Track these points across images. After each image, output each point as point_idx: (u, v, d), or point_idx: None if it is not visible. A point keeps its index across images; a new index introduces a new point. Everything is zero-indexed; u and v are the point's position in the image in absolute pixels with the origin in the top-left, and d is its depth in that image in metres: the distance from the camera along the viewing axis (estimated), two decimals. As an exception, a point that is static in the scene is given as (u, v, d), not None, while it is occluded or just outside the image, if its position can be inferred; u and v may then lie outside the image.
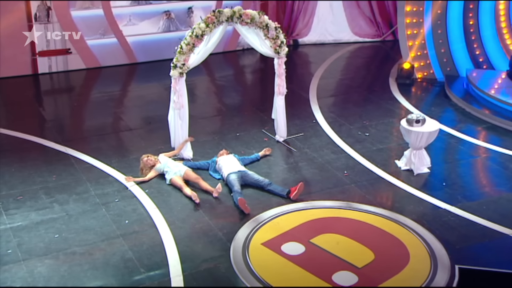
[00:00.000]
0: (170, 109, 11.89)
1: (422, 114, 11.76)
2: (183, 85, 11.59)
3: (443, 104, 15.41)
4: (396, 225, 9.94)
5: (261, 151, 12.39)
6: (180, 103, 11.64)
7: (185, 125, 11.92)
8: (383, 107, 15.02)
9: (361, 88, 16.49)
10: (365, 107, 14.99)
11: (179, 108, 11.68)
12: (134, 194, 10.91)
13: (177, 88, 11.56)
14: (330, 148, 12.79)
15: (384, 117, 14.42)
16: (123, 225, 10.01)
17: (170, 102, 11.89)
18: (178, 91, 11.58)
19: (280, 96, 12.60)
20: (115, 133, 13.63)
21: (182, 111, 11.77)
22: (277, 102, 12.69)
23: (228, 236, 9.74)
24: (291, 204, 10.65)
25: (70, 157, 12.26)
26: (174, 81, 11.54)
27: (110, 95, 15.79)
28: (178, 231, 9.84)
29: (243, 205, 10.24)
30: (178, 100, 11.61)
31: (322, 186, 11.29)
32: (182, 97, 11.65)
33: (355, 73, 17.81)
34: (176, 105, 11.63)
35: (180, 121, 11.82)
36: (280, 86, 12.47)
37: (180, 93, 11.61)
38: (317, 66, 18.06)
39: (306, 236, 9.64)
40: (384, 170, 11.82)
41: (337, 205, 10.60)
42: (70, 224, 10.03)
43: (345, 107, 14.99)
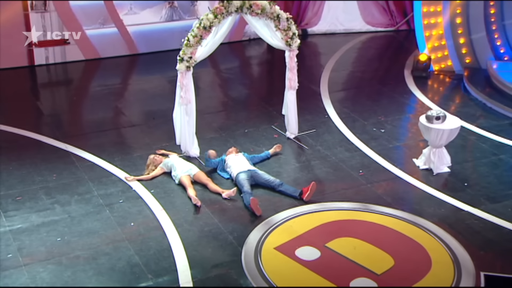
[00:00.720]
0: (176, 105, 11.84)
1: (442, 110, 11.69)
2: (190, 80, 11.56)
3: (462, 98, 15.38)
4: (416, 229, 9.90)
5: (271, 149, 12.35)
6: (187, 99, 11.61)
7: (192, 122, 11.89)
8: (399, 101, 14.98)
9: (375, 81, 16.45)
10: (379, 102, 14.95)
11: (186, 103, 11.65)
12: (139, 194, 10.90)
13: (184, 83, 11.51)
14: (343, 145, 12.76)
15: (400, 112, 14.39)
16: (129, 228, 10.00)
17: (175, 97, 11.83)
18: (185, 86, 11.55)
19: (291, 91, 12.58)
20: (117, 129, 13.62)
21: (189, 106, 11.74)
22: (288, 97, 12.65)
23: (239, 239, 9.72)
24: (304, 206, 10.62)
25: (71, 154, 12.24)
26: (180, 75, 11.49)
27: (110, 88, 15.76)
28: (186, 234, 9.82)
29: (255, 206, 10.21)
30: (185, 95, 11.58)
31: (336, 186, 11.26)
32: (189, 92, 11.62)
33: (367, 65, 17.77)
34: (183, 101, 11.60)
35: (186, 117, 11.79)
36: (292, 80, 12.44)
37: (187, 88, 11.57)
38: (328, 58, 18.01)
39: (321, 240, 9.62)
40: (401, 169, 11.81)
41: (353, 207, 10.57)
42: (72, 227, 10.01)
43: (358, 102, 14.97)
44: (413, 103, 14.88)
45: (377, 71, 17.29)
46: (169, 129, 12.66)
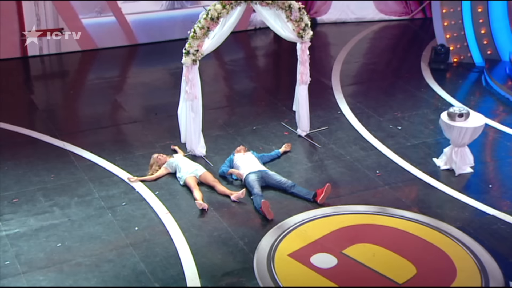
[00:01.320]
0: (181, 101, 11.81)
1: (465, 107, 11.62)
2: (196, 74, 11.51)
3: (483, 92, 15.36)
4: (439, 234, 9.87)
5: (282, 147, 12.27)
6: (193, 94, 11.57)
7: (198, 119, 11.85)
8: (416, 96, 14.93)
9: (390, 74, 16.42)
10: (395, 96, 14.90)
11: (192, 99, 11.61)
12: (142, 196, 10.86)
13: (189, 77, 11.47)
14: (358, 143, 12.72)
15: (417, 107, 14.35)
16: (133, 233, 9.96)
17: (180, 92, 11.78)
18: (190, 81, 11.50)
19: (303, 85, 12.54)
20: (117, 125, 13.59)
21: (195, 102, 11.70)
22: (300, 92, 12.61)
23: (250, 245, 9.68)
24: (319, 209, 10.60)
25: (69, 153, 12.21)
26: (186, 69, 11.45)
27: (109, 81, 15.71)
28: (194, 240, 9.79)
29: (267, 209, 10.17)
30: (190, 90, 11.53)
31: (352, 188, 11.22)
32: (195, 87, 11.57)
33: (381, 56, 17.72)
34: (189, 96, 11.55)
35: (192, 114, 11.74)
36: (303, 74, 12.40)
37: (193, 83, 11.52)
38: (339, 49, 17.95)
39: (338, 246, 9.59)
40: (421, 169, 11.78)
41: (371, 210, 10.54)
42: (73, 231, 9.98)
43: (372, 96, 14.92)
44: (431, 97, 14.83)
45: (392, 63, 17.25)
46: (172, 125, 12.65)
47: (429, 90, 15.30)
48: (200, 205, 10.30)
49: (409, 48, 18.55)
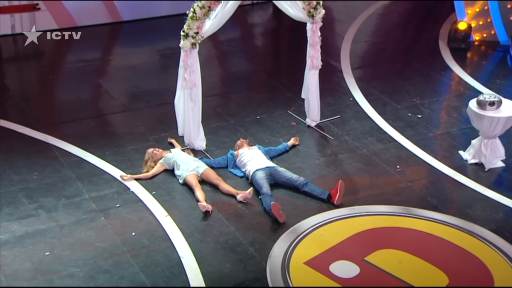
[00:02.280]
0: (178, 89, 11.75)
1: (496, 94, 11.60)
2: (195, 59, 11.46)
3: (508, 74, 15.38)
4: (471, 238, 9.90)
5: (290, 140, 12.26)
6: (192, 81, 11.52)
7: (197, 108, 11.81)
8: (436, 79, 14.94)
9: (405, 54, 16.42)
10: (412, 80, 14.91)
11: (191, 87, 11.57)
12: (138, 197, 10.81)
13: (188, 63, 11.42)
14: (375, 134, 12.74)
15: (438, 93, 14.40)
16: (129, 239, 9.92)
17: (177, 79, 11.69)
18: (189, 66, 11.44)
19: (313, 70, 12.53)
20: (105, 115, 13.52)
21: (194, 91, 11.65)
22: (310, 77, 12.60)
23: (262, 252, 9.66)
24: (335, 210, 10.57)
25: (52, 147, 12.14)
26: (184, 54, 11.40)
27: (92, 64, 15.63)
28: (198, 246, 9.76)
29: (277, 212, 10.16)
30: (189, 77, 11.49)
31: (370, 185, 11.24)
32: (194, 74, 11.53)
33: (394, 34, 17.72)
34: (187, 84, 11.51)
35: (191, 103, 11.70)
36: (314, 58, 12.39)
37: (193, 69, 11.48)
38: (346, 26, 17.90)
39: (359, 253, 9.58)
40: (446, 163, 11.77)
41: (393, 211, 10.54)
42: (62, 238, 9.91)
43: (387, 80, 14.91)
44: (452, 81, 14.88)
45: (406, 42, 17.28)
46: (166, 115, 12.63)
47: (450, 72, 15.33)
48: (203, 207, 10.26)
49: (424, 24, 18.45)
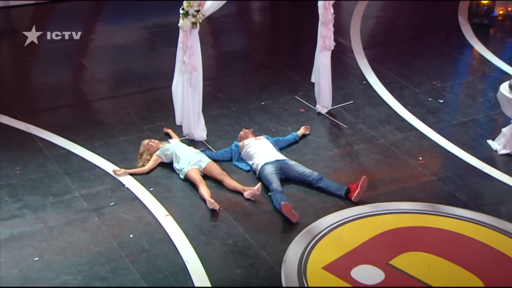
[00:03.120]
0: (176, 73, 11.68)
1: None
2: (196, 40, 11.39)
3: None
4: (507, 239, 9.88)
5: (300, 129, 12.24)
6: (192, 65, 11.46)
7: (198, 95, 11.76)
8: (456, 59, 14.98)
9: (421, 31, 16.36)
10: (431, 60, 14.89)
11: (191, 71, 11.50)
12: (135, 194, 10.74)
13: (188, 44, 11.34)
14: (393, 122, 12.72)
15: (460, 74, 14.42)
16: (127, 242, 9.83)
17: (176, 63, 11.60)
18: (189, 49, 11.36)
19: (325, 52, 12.49)
20: (92, 101, 13.46)
21: (194, 75, 11.58)
22: (321, 60, 12.57)
23: (275, 256, 9.59)
24: (354, 208, 10.52)
25: (35, 138, 12.04)
26: (183, 35, 11.33)
27: (73, 43, 15.49)
28: (204, 250, 9.69)
29: (289, 212, 10.13)
30: (189, 60, 11.42)
31: (391, 179, 11.20)
32: (194, 57, 11.46)
33: (407, 8, 17.66)
34: (187, 68, 11.45)
35: (191, 89, 11.65)
36: (326, 38, 12.34)
37: (193, 51, 11.40)
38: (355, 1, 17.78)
39: (383, 256, 9.55)
40: (473, 154, 11.76)
41: (418, 209, 10.50)
42: (52, 241, 9.80)
43: (403, 61, 14.89)
44: (475, 60, 14.86)
45: (422, 18, 17.19)
46: (161, 101, 12.67)
47: (472, 51, 15.31)
48: (211, 204, 10.23)
49: (441, -2, 18.37)
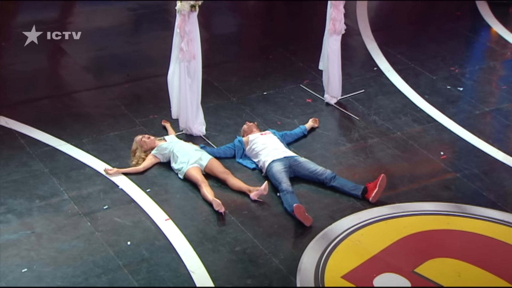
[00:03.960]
0: (173, 62, 11.63)
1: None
2: (195, 25, 11.31)
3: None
4: (543, 243, 9.84)
5: (308, 122, 12.25)
6: (190, 52, 11.39)
7: (196, 86, 11.71)
8: (474, 41, 15.04)
9: (435, 11, 16.33)
10: (446, 44, 14.93)
11: (189, 59, 11.44)
12: (130, 196, 10.68)
13: (186, 30, 11.26)
14: (409, 113, 12.72)
15: (479, 59, 14.43)
16: (125, 250, 9.76)
17: (172, 50, 11.54)
18: (187, 34, 11.29)
19: (335, 36, 12.47)
20: (76, 92, 13.36)
21: (193, 64, 11.53)
22: (330, 45, 12.55)
23: (288, 264, 9.55)
24: (372, 209, 10.51)
25: (16, 134, 11.96)
26: (181, 19, 11.25)
27: (50, 26, 15.29)
28: (210, 258, 9.64)
29: (302, 215, 10.11)
30: (188, 48, 11.34)
31: (411, 177, 11.19)
32: (193, 43, 11.39)
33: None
34: (185, 56, 11.38)
35: (189, 79, 11.59)
36: (336, 21, 12.32)
37: (191, 37, 11.32)
38: (360, -25, 17.77)
39: (408, 264, 9.52)
40: (500, 148, 11.78)
41: (443, 210, 10.50)
42: (41, 250, 9.70)
43: (417, 44, 14.90)
44: (495, 43, 14.87)
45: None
46: (153, 92, 12.69)
47: (490, 32, 15.32)
48: (218, 205, 10.23)
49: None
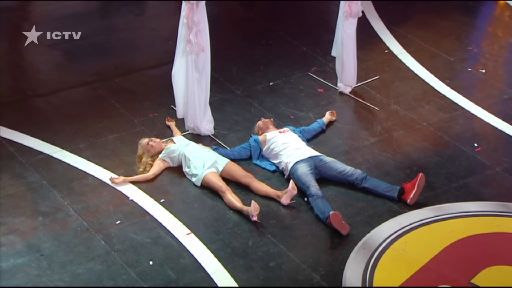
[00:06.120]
0: (178, 55, 11.39)
1: None
2: (203, 15, 11.04)
3: None
4: None
5: (325, 115, 12.04)
6: (199, 45, 11.11)
7: (205, 80, 11.44)
8: (490, 17, 14.87)
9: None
10: (458, 20, 14.87)
11: (198, 52, 11.17)
12: (143, 208, 10.29)
13: (195, 20, 10.98)
14: (432, 100, 12.56)
15: (497, 37, 14.37)
16: (148, 270, 9.35)
17: (177, 42, 11.26)
18: (196, 25, 11.01)
19: (350, 19, 12.30)
20: (63, 89, 12.96)
21: (202, 57, 11.27)
22: (345, 29, 12.38)
23: (331, 279, 9.27)
24: (412, 212, 10.27)
25: (3, 141, 11.50)
26: (189, 8, 10.96)
27: (20, 12, 15.05)
28: (244, 277, 9.28)
29: (339, 224, 9.84)
30: (196, 39, 11.06)
31: (447, 174, 10.98)
32: (202, 34, 11.11)
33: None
34: (193, 48, 11.11)
35: (197, 74, 11.33)
36: (353, 4, 12.12)
37: (200, 28, 11.04)
38: None
39: (462, 274, 9.30)
40: (538, 137, 11.48)
41: (489, 210, 10.33)
42: (54, 276, 9.21)
43: (426, 22, 14.80)
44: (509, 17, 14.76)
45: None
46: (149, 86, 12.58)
47: (505, 7, 15.08)
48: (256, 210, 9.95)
49: None
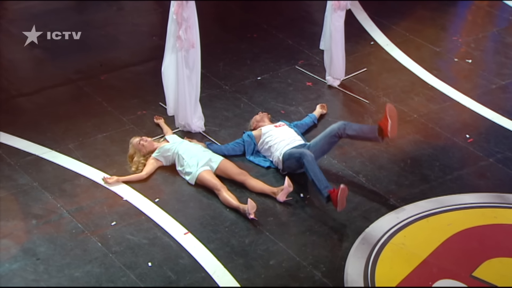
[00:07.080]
0: (168, 52, 11.37)
1: None
2: (193, 11, 11.01)
3: None
4: None
5: (316, 109, 12.07)
6: (189, 41, 11.11)
7: (195, 77, 11.42)
8: (471, 5, 14.95)
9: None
10: (441, 9, 14.94)
11: (188, 48, 11.17)
12: (138, 208, 10.25)
13: (184, 16, 10.96)
14: (421, 92, 12.59)
15: (482, 26, 14.39)
16: (147, 272, 9.31)
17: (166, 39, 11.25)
18: (186, 21, 10.99)
19: (339, 12, 12.31)
20: (46, 88, 12.88)
21: (192, 53, 11.25)
22: (333, 22, 12.40)
23: (333, 276, 9.27)
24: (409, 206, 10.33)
25: (-12, 142, 11.26)
26: (178, 4, 10.93)
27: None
28: (245, 276, 9.26)
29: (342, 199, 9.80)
30: (185, 35, 11.06)
31: (441, 166, 11.01)
32: (192, 30, 11.11)
33: None
34: (183, 44, 11.11)
35: (187, 70, 11.31)
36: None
37: (190, 24, 11.03)
38: None
39: (463, 267, 9.33)
40: (527, 127, 11.54)
41: (485, 201, 10.35)
42: (52, 280, 9.15)
43: (409, 13, 14.87)
44: (496, 8, 14.86)
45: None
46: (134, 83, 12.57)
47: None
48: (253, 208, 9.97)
49: None
